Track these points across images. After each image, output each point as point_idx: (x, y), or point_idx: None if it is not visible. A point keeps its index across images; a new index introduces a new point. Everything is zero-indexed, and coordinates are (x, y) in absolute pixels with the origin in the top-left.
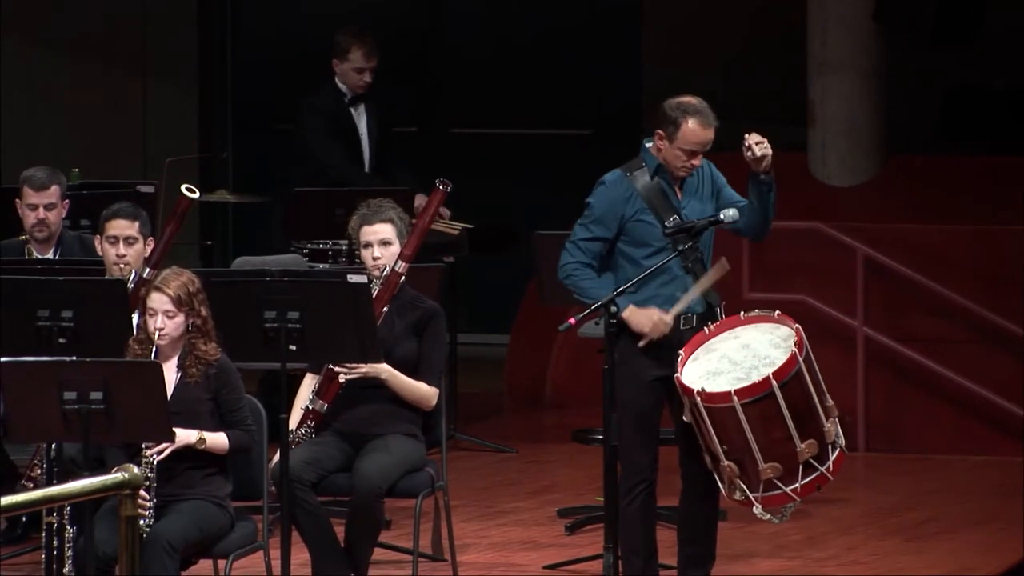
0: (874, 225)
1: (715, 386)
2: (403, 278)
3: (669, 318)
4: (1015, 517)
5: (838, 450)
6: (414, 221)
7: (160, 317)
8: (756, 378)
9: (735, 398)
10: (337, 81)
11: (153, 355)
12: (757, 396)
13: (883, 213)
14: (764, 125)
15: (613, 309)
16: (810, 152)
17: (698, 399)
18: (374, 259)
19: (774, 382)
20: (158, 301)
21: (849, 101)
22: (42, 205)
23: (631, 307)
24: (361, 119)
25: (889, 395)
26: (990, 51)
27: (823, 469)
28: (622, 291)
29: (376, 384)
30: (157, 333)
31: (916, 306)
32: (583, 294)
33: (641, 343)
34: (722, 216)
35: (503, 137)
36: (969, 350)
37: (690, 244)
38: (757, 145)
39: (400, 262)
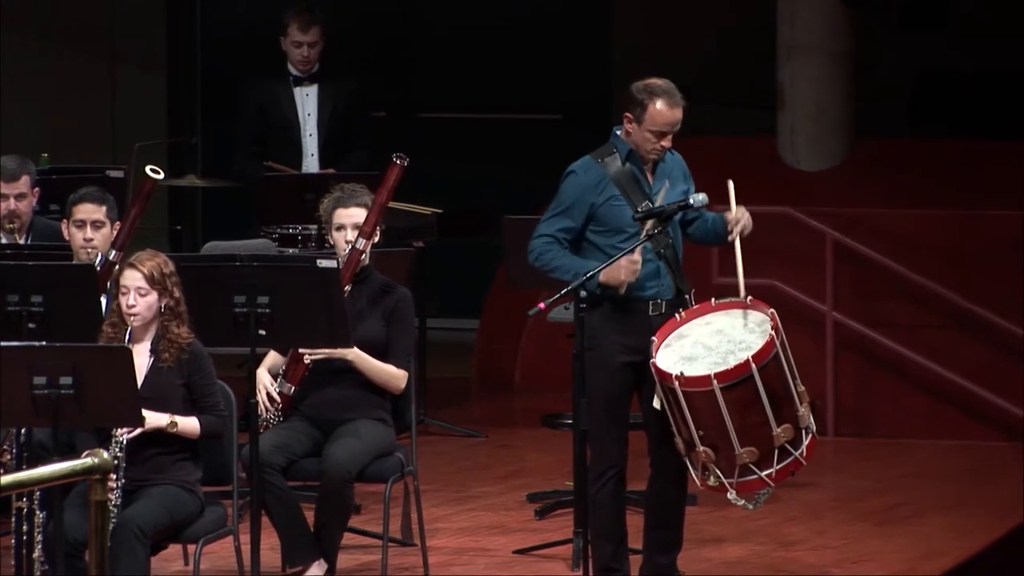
0: (843, 210)
1: (693, 370)
2: (365, 255)
3: (636, 255)
4: (985, 502)
5: (811, 435)
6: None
7: (132, 294)
8: (734, 362)
9: (715, 382)
10: (288, 63)
11: (127, 338)
12: (736, 380)
13: (852, 197)
14: (733, 109)
15: (583, 294)
16: (779, 136)
17: (676, 384)
18: (347, 242)
19: (753, 365)
20: (131, 278)
21: (818, 85)
22: (12, 196)
23: (606, 271)
24: (309, 101)
25: (858, 380)
26: (960, 34)
27: (797, 454)
28: (591, 275)
29: (345, 368)
30: (130, 312)
31: (886, 291)
32: (559, 269)
33: (621, 291)
34: (692, 200)
35: (473, 122)
36: (939, 335)
37: (660, 229)
38: (740, 229)
39: (361, 239)
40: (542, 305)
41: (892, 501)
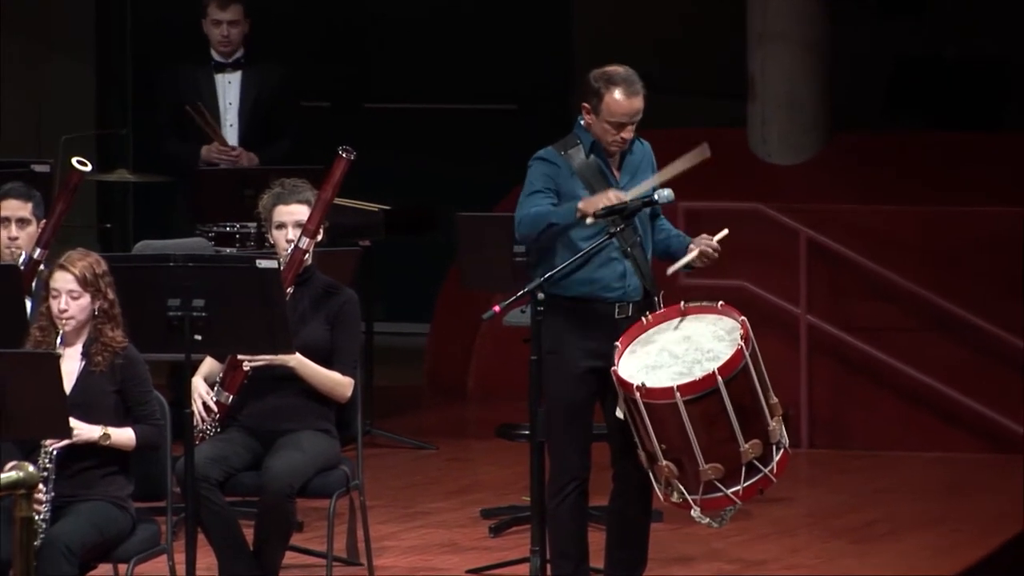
0: (818, 206)
1: (656, 381)
2: (308, 255)
3: (625, 196)
4: (968, 518)
5: (782, 451)
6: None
7: (64, 298)
8: (700, 373)
9: (677, 394)
10: (210, 48)
11: (58, 341)
12: (700, 393)
13: (828, 193)
14: (701, 100)
15: (540, 296)
16: (750, 128)
17: (637, 395)
18: (288, 241)
19: (719, 378)
20: (62, 281)
21: (791, 74)
22: None
23: (581, 198)
24: (231, 89)
25: (834, 387)
26: (941, 20)
27: (767, 471)
28: (549, 276)
29: (286, 376)
30: (61, 316)
31: (863, 292)
32: (537, 221)
33: (589, 220)
34: (656, 196)
35: (423, 112)
36: (919, 339)
37: (623, 227)
38: (708, 254)
39: (304, 238)
40: (497, 308)
41: (869, 517)
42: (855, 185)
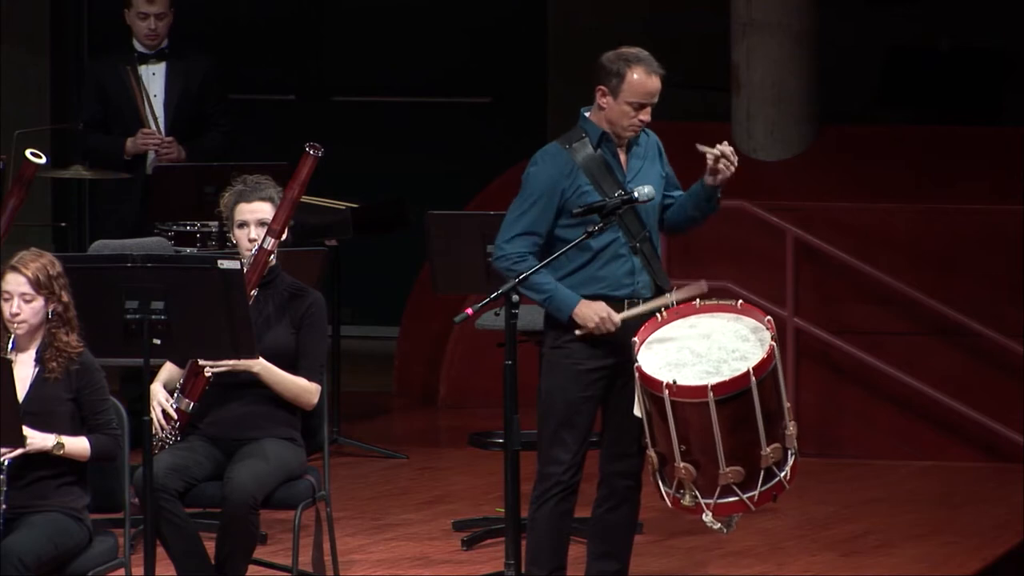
0: (806, 204)
1: (686, 379)
2: (272, 256)
3: (618, 318)
4: (962, 529)
5: (795, 456)
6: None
7: (16, 301)
8: (730, 373)
9: (711, 394)
10: (133, 38)
11: (10, 346)
12: (733, 393)
13: (816, 190)
14: (683, 92)
15: (515, 298)
16: (734, 122)
17: (666, 392)
18: (250, 240)
19: (753, 379)
20: (14, 283)
21: (778, 64)
22: None
23: (582, 301)
24: (155, 81)
25: (822, 393)
26: (935, 8)
27: (781, 476)
28: (526, 276)
29: (250, 382)
30: (13, 320)
31: (852, 294)
32: (534, 287)
33: (578, 332)
34: (636, 194)
35: (392, 106)
36: (912, 343)
37: (601, 225)
38: (728, 156)
39: (269, 239)
40: (469, 311)
41: (860, 529)
42: (845, 181)
